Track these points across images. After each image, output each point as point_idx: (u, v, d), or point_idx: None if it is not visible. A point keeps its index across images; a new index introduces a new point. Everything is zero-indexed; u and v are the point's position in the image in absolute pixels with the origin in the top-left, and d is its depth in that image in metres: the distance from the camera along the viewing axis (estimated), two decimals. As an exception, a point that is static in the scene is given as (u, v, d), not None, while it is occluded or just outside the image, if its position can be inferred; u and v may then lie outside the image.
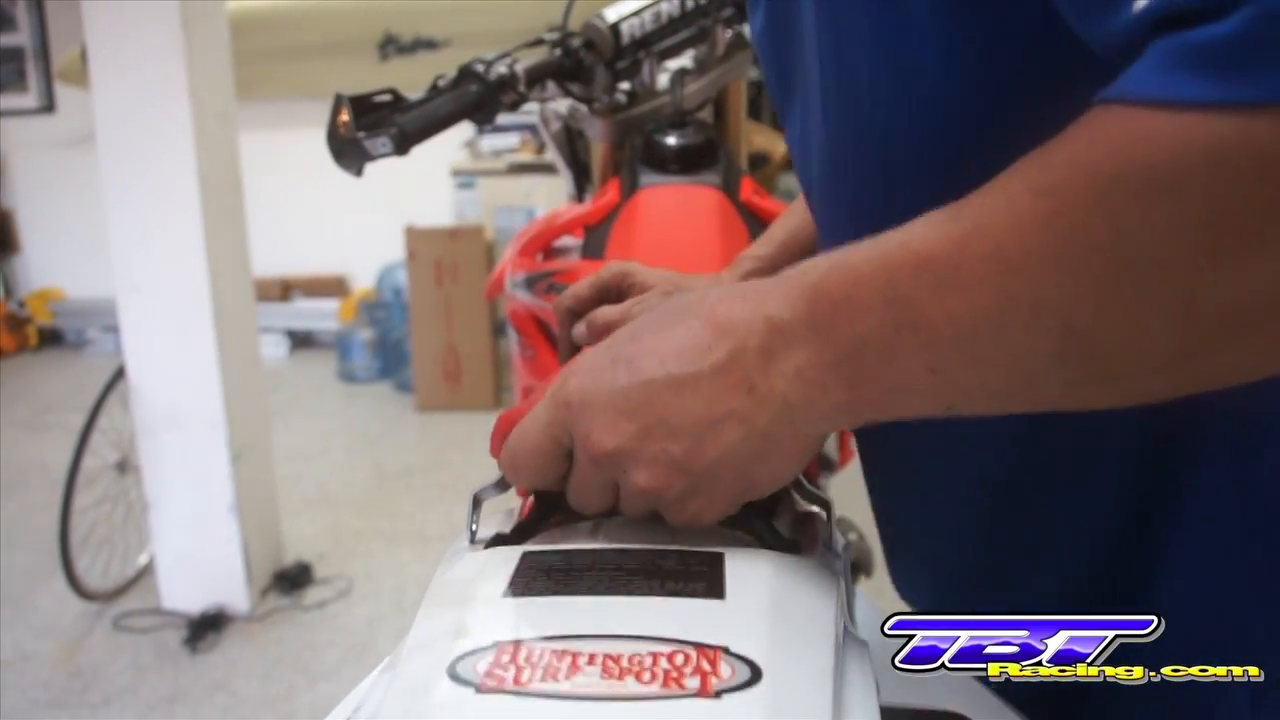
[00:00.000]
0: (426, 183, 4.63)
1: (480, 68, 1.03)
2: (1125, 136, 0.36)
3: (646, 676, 0.33)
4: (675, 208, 1.06)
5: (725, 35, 1.21)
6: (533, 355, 1.16)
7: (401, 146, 0.95)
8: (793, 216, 0.91)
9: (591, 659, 0.34)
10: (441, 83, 1.03)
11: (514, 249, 1.22)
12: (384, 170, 1.10)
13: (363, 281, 5.50)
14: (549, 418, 0.48)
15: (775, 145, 4.14)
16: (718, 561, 0.42)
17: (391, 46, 4.93)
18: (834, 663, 0.37)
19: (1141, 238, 0.36)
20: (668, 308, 0.48)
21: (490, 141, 4.65)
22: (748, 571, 0.41)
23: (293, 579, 2.80)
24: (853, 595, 0.50)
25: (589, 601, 0.39)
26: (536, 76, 1.06)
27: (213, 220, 2.51)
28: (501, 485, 0.52)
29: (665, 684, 0.33)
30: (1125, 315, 0.38)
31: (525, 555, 0.43)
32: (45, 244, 5.85)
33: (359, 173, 1.01)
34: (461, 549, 0.49)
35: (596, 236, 1.08)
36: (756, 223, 1.08)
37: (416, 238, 4.30)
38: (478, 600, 0.40)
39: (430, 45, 4.90)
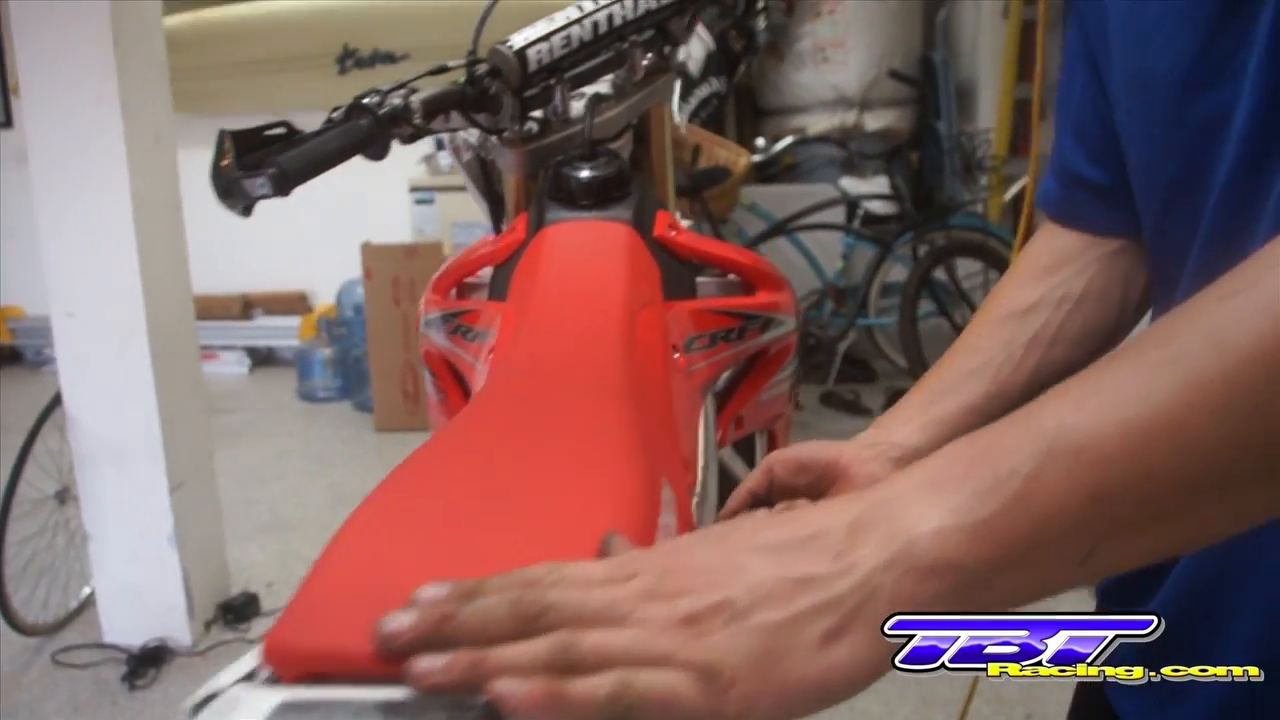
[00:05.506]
0: (385, 199, 4.56)
1: (375, 99, 0.97)
2: None
3: None
4: (580, 246, 1.00)
5: (645, 59, 1.15)
6: (443, 399, 1.10)
7: (281, 187, 0.89)
8: (967, 380, 0.74)
9: None
10: (335, 115, 0.98)
11: (430, 285, 1.16)
12: (343, 186, 1.04)
13: (324, 298, 5.43)
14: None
15: (737, 158, 4.11)
16: None
17: (350, 60, 4.90)
18: None
19: None
20: None
21: (449, 157, 4.60)
22: None
23: (238, 610, 2.73)
24: None
25: None
26: (436, 108, 1.00)
27: (148, 244, 2.45)
28: None
29: None
30: None
31: (283, 704, 0.37)
32: (3, 260, 5.75)
33: (246, 212, 0.96)
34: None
35: (501, 276, 1.02)
36: (670, 258, 1.03)
37: (373, 255, 4.23)
38: None
39: (389, 59, 4.87)
